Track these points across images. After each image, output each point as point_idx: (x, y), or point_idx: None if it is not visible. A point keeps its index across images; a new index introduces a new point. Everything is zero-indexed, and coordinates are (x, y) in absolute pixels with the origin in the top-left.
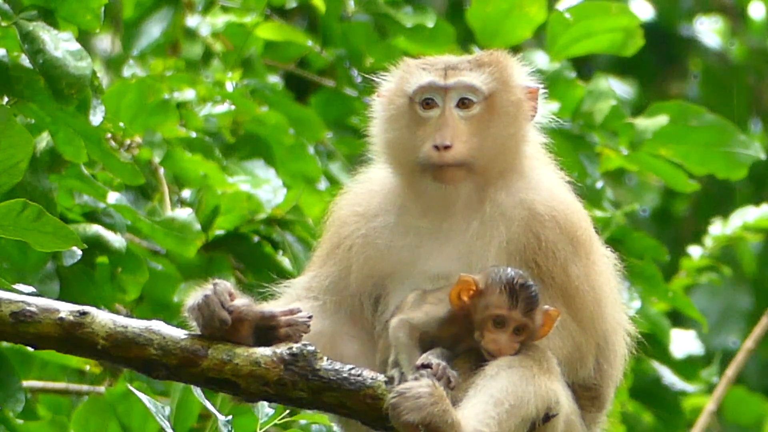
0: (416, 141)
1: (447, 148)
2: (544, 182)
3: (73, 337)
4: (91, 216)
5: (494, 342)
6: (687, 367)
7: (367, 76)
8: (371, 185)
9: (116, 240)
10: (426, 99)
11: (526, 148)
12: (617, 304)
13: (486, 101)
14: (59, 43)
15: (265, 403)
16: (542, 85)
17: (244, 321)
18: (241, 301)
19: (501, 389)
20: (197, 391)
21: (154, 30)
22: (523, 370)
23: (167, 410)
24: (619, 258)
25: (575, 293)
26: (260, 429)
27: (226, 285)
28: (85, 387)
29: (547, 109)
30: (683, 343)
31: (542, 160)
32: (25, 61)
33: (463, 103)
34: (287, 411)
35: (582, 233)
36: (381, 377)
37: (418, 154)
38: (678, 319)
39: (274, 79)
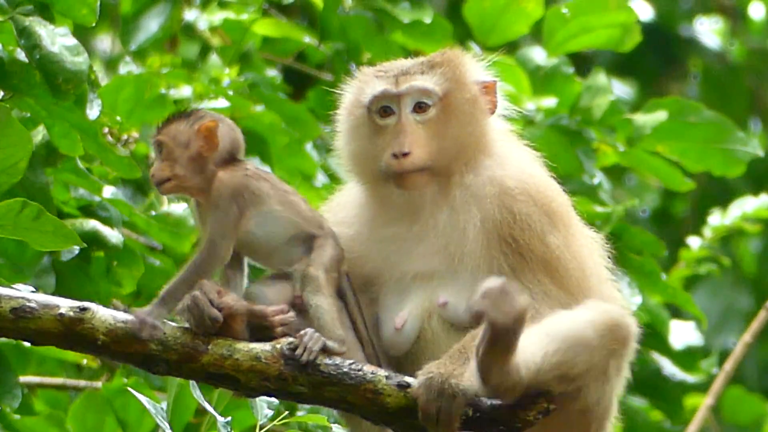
0: (377, 150)
1: (405, 155)
2: (513, 158)
3: (73, 333)
4: (87, 210)
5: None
6: (687, 359)
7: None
8: (342, 197)
9: (113, 235)
10: (382, 107)
11: (492, 135)
12: (607, 281)
13: (441, 102)
14: (56, 38)
15: (264, 405)
16: (497, 78)
17: (236, 316)
18: (230, 297)
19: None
20: (196, 392)
21: (152, 25)
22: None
23: (164, 405)
24: (618, 253)
25: (557, 262)
26: (259, 430)
27: (213, 283)
28: (82, 383)
29: (505, 103)
30: (682, 334)
31: (510, 140)
32: (21, 55)
33: (420, 107)
34: (286, 412)
35: (558, 206)
36: (381, 372)
37: (379, 163)
38: (677, 310)
39: (273, 73)
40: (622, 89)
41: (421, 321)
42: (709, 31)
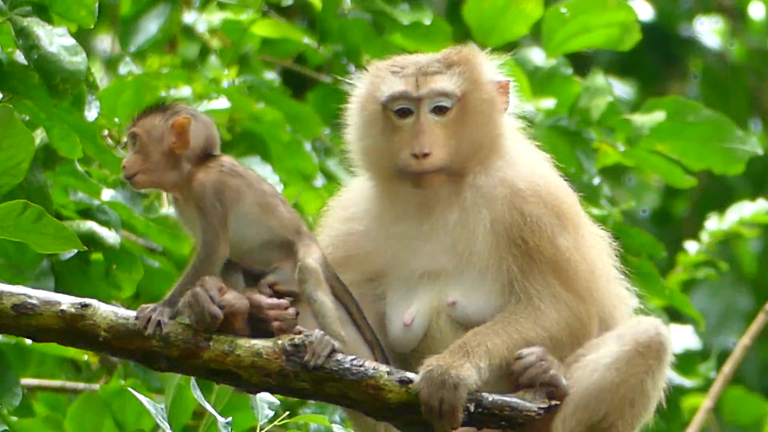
0: (393, 148)
1: (426, 155)
2: (525, 159)
3: (74, 329)
4: (86, 213)
5: (123, 161)
6: (685, 363)
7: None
8: (351, 193)
9: (110, 236)
10: (400, 108)
11: (504, 136)
12: (616, 280)
13: (460, 102)
14: (54, 39)
15: (265, 405)
16: (511, 78)
17: (237, 314)
18: (232, 295)
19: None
20: (196, 392)
21: (151, 26)
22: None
23: (162, 406)
24: (616, 254)
25: (566, 264)
26: (260, 431)
27: (215, 280)
28: (81, 385)
29: (517, 101)
30: (681, 338)
31: (521, 140)
32: (19, 57)
33: (440, 109)
34: (287, 413)
35: (568, 207)
36: (383, 368)
37: (396, 161)
38: (676, 314)
39: (271, 76)
40: (622, 89)
41: (429, 319)
42: (709, 31)
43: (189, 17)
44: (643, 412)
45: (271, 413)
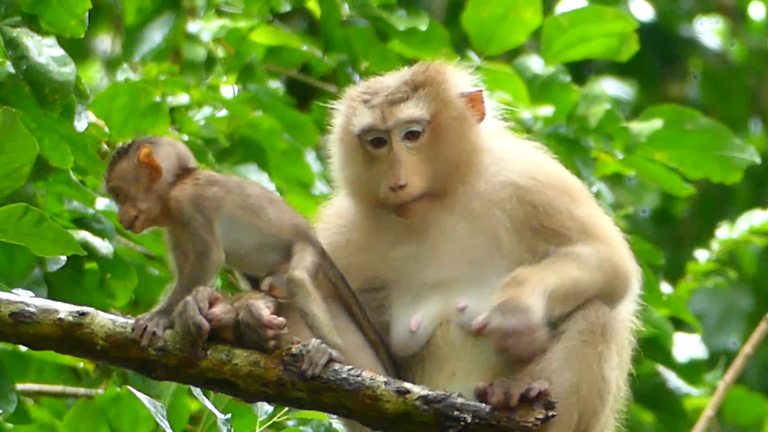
0: (372, 179)
1: (402, 187)
2: (517, 157)
3: (72, 338)
4: (81, 222)
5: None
6: (691, 371)
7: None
8: (344, 204)
9: (103, 246)
10: (373, 138)
11: (485, 140)
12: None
13: (430, 125)
14: (43, 49)
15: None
16: (482, 87)
17: (224, 328)
18: (221, 308)
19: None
20: (197, 390)
21: (155, 36)
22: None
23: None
24: None
25: (592, 225)
26: (259, 428)
27: (209, 291)
28: (81, 390)
29: (495, 105)
30: (686, 347)
31: (508, 139)
32: (10, 67)
33: (411, 134)
34: (286, 409)
35: (571, 182)
36: (380, 378)
37: (378, 192)
38: (681, 322)
39: (276, 85)
40: (622, 90)
41: (435, 324)
42: (709, 31)
43: (193, 26)
44: (613, 397)
45: (270, 409)
